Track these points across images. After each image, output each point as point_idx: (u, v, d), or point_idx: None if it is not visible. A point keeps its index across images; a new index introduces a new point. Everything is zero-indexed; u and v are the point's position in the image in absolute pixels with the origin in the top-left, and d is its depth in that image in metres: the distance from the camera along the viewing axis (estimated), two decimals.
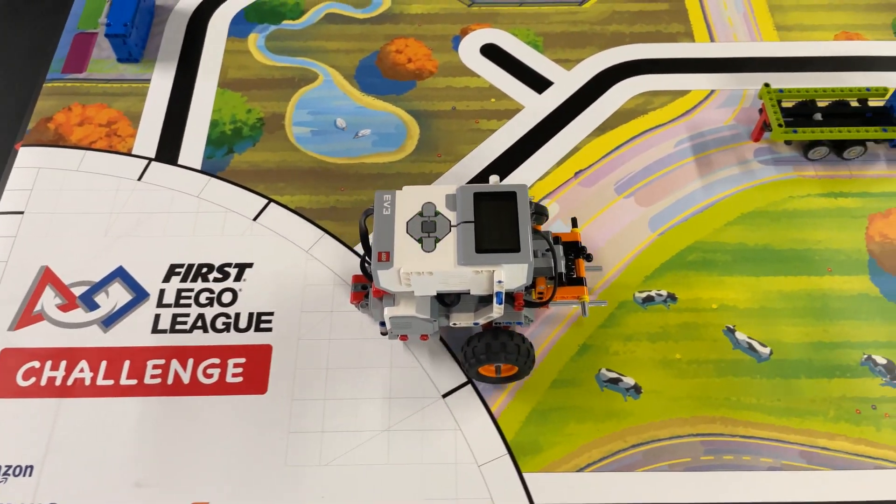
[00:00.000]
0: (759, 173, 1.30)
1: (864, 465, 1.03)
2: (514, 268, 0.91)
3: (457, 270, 0.91)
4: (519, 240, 0.91)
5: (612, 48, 1.46)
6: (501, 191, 0.96)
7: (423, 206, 0.95)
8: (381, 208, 0.95)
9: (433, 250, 0.92)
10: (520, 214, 0.93)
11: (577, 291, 1.06)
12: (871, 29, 1.48)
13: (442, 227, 0.94)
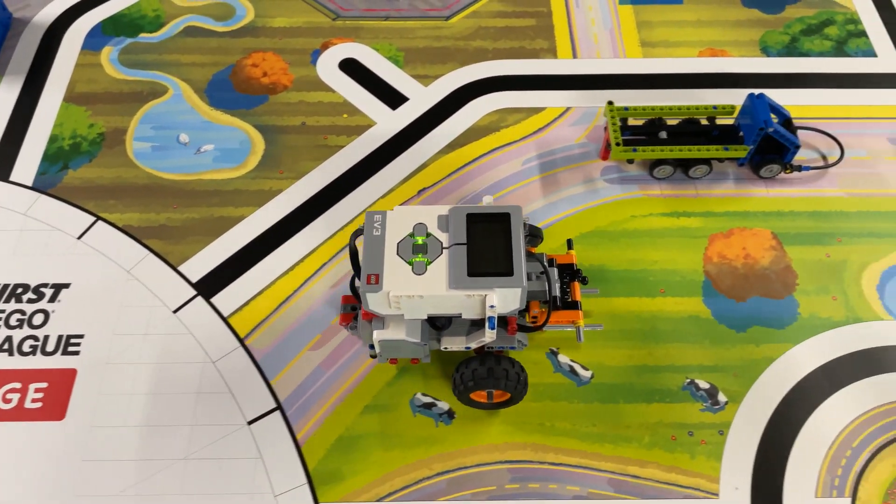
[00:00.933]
0: (604, 192, 1.28)
1: (673, 495, 1.00)
2: (507, 292, 0.89)
3: (448, 294, 0.88)
4: (512, 263, 0.89)
5: (473, 64, 1.45)
6: (495, 212, 0.93)
7: (414, 226, 0.93)
8: (371, 228, 0.92)
9: (424, 273, 0.89)
10: (513, 237, 0.91)
11: (572, 315, 1.03)
12: (738, 45, 1.47)
13: (433, 248, 0.91)
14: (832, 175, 1.30)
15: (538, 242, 1.07)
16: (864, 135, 1.34)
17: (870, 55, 1.46)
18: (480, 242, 0.90)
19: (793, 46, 1.47)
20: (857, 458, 1.03)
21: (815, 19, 1.52)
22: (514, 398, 1.02)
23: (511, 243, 0.90)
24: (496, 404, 1.04)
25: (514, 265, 0.89)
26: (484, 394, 1.02)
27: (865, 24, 1.50)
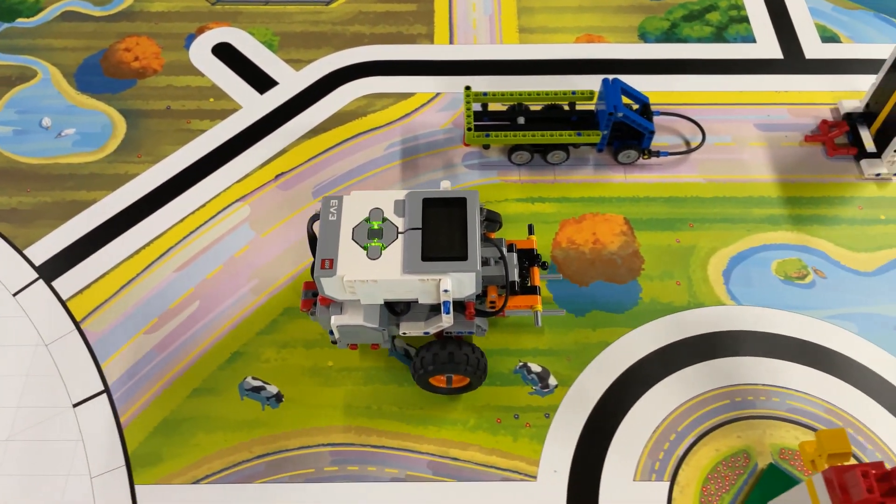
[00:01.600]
0: (463, 178, 1.27)
1: (491, 477, 1.00)
2: (461, 276, 0.88)
3: (402, 279, 0.88)
4: (467, 247, 0.89)
5: (347, 49, 1.44)
6: (451, 197, 0.93)
7: (370, 211, 0.92)
8: (326, 213, 0.91)
9: (378, 258, 0.88)
10: (469, 221, 0.90)
11: (530, 300, 1.03)
12: (617, 31, 1.47)
13: (389, 233, 0.90)
14: (693, 161, 1.29)
15: (496, 228, 1.06)
16: (733, 121, 1.34)
17: (749, 41, 1.45)
18: (435, 227, 0.90)
19: (672, 32, 1.47)
20: (680, 442, 1.03)
21: (699, 5, 1.51)
22: (473, 383, 1.02)
23: (466, 228, 0.90)
24: (455, 389, 1.03)
25: (468, 250, 0.88)
26: (443, 378, 1.02)
27: (748, 10, 1.50)
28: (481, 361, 1.00)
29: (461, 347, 0.99)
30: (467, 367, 0.99)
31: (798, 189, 1.26)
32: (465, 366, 0.98)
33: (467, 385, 1.04)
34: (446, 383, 1.03)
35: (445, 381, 1.03)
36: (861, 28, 1.47)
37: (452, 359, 0.98)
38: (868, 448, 1.02)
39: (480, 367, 1.00)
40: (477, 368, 0.99)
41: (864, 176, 1.26)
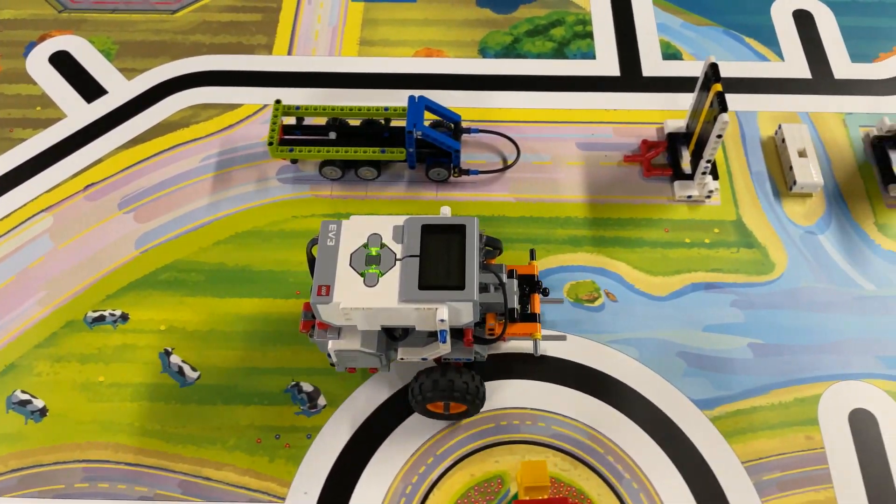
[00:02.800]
0: (274, 191, 1.27)
1: (240, 498, 1.00)
2: (458, 305, 0.88)
3: (398, 307, 0.88)
4: (464, 276, 0.88)
5: (185, 58, 1.44)
6: (450, 223, 0.92)
7: (368, 237, 0.92)
8: (325, 238, 0.91)
9: (375, 285, 0.88)
10: (467, 249, 0.90)
11: (530, 328, 1.01)
12: (457, 46, 1.46)
13: (387, 260, 0.90)
14: (507, 179, 1.28)
15: (497, 254, 1.05)
16: (555, 139, 1.33)
17: (589, 57, 1.44)
18: (434, 254, 0.89)
19: (512, 48, 1.45)
20: (436, 466, 1.02)
21: (546, 20, 1.50)
22: (471, 410, 1.02)
23: (465, 256, 0.89)
24: (453, 416, 1.03)
25: (465, 278, 0.88)
26: (441, 405, 1.01)
27: (595, 26, 1.49)
28: (480, 390, 0.99)
29: (461, 375, 0.97)
30: (466, 396, 0.97)
31: (607, 210, 1.25)
32: (464, 394, 0.97)
33: (465, 412, 1.03)
34: (444, 409, 1.02)
35: (443, 407, 1.02)
36: (707, 44, 1.45)
37: (452, 387, 0.96)
38: (626, 477, 1.01)
39: (479, 396, 0.99)
40: (476, 397, 0.98)
41: (675, 198, 1.25)
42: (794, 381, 1.08)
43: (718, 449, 1.03)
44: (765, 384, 1.08)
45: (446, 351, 0.93)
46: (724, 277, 1.17)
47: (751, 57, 1.43)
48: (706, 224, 1.23)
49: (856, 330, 1.12)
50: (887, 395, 1.07)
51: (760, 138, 1.32)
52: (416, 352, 0.96)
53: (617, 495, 1.00)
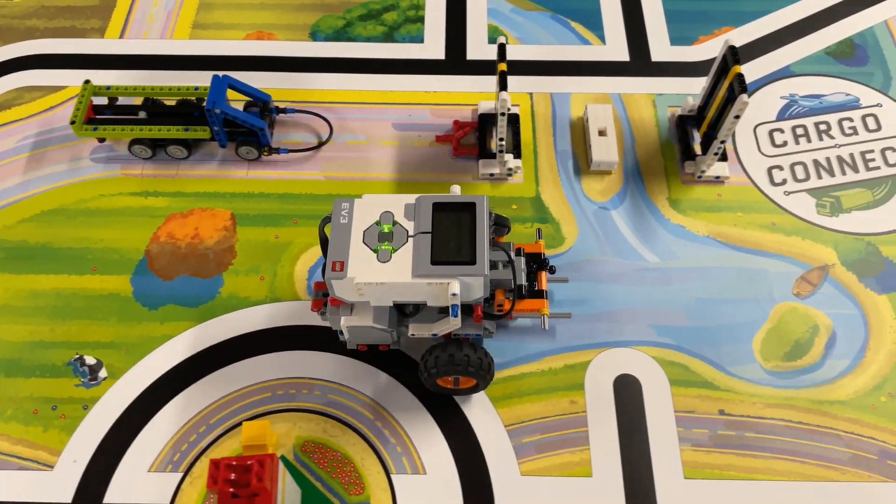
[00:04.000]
0: (86, 171, 1.28)
1: (11, 466, 1.01)
2: (469, 280, 0.90)
3: (411, 282, 0.89)
4: (475, 252, 0.90)
5: (16, 42, 1.45)
6: (461, 201, 0.94)
7: (381, 215, 0.93)
8: (338, 216, 0.92)
9: (388, 261, 0.90)
10: (477, 226, 0.92)
11: (538, 304, 1.04)
12: (289, 29, 1.48)
13: (399, 237, 0.92)
14: (320, 158, 1.30)
15: (505, 232, 1.06)
16: (372, 119, 1.36)
17: (417, 41, 1.47)
18: (445, 231, 0.91)
19: (343, 31, 1.48)
20: (207, 434, 1.04)
21: (380, 4, 1.52)
22: (480, 384, 1.03)
23: (475, 232, 0.91)
24: (464, 390, 1.05)
25: (476, 254, 0.89)
26: (450, 380, 1.02)
27: (427, 10, 1.52)
28: (484, 362, 0.99)
29: (475, 351, 0.99)
30: (480, 371, 0.99)
31: (413, 188, 1.27)
32: (477, 369, 0.98)
33: (475, 385, 1.04)
34: (453, 384, 1.04)
35: (452, 382, 1.03)
36: (533, 29, 1.49)
37: (468, 361, 0.97)
38: (391, 442, 1.04)
39: (484, 368, 0.99)
40: (480, 369, 0.99)
41: (479, 176, 1.29)
42: (566, 348, 1.12)
43: (485, 414, 1.06)
44: (539, 351, 1.11)
45: (457, 326, 0.95)
46: None
47: (574, 41, 1.47)
48: (506, 200, 1.26)
49: (633, 300, 1.16)
50: (654, 360, 1.10)
51: (570, 119, 1.36)
52: (426, 327, 0.99)
53: (380, 458, 1.03)
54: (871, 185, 1.27)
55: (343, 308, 0.96)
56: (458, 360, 0.97)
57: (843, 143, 1.33)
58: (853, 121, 1.35)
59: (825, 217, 1.24)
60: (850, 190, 1.27)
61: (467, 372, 0.98)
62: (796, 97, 1.38)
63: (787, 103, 1.38)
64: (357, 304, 0.95)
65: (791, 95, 1.39)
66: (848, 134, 1.34)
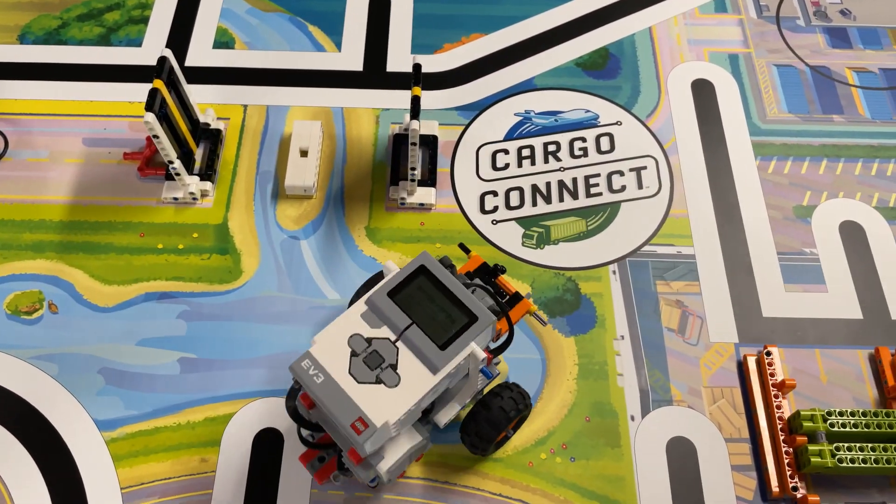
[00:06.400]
0: None
1: None
2: (482, 335, 0.81)
3: (437, 380, 0.79)
4: (468, 307, 0.81)
5: None
6: (409, 273, 0.83)
7: (349, 343, 0.80)
8: (310, 380, 0.78)
9: (399, 381, 0.78)
10: (445, 282, 0.82)
11: (523, 308, 0.98)
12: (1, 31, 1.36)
13: (386, 351, 0.80)
14: None
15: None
16: (62, 134, 1.23)
17: (135, 45, 1.35)
18: (424, 311, 0.82)
19: (56, 33, 1.35)
20: None
21: (104, 2, 1.39)
22: (525, 413, 0.97)
23: (450, 291, 0.82)
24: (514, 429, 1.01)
25: (471, 308, 0.81)
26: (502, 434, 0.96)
27: (155, 10, 1.39)
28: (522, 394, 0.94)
29: (490, 406, 0.91)
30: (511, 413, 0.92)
31: (88, 212, 1.16)
32: (507, 415, 0.92)
33: None
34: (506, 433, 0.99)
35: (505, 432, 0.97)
36: (265, 33, 1.36)
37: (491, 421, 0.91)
38: None
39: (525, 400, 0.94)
40: (518, 407, 0.93)
41: (162, 200, 1.18)
42: (211, 398, 1.02)
43: (103, 474, 0.97)
44: (179, 403, 1.02)
45: (485, 383, 0.90)
46: (183, 286, 1.10)
47: (308, 47, 1.35)
48: (187, 228, 1.15)
49: (298, 342, 1.06)
50: None
51: (282, 136, 1.25)
52: (452, 407, 0.89)
53: None
54: (588, 213, 1.18)
55: (372, 458, 0.83)
56: (497, 418, 0.91)
57: (569, 165, 1.23)
58: (586, 141, 1.25)
59: (529, 249, 1.15)
60: (564, 219, 1.18)
61: (515, 415, 0.92)
62: (531, 114, 1.29)
63: (520, 121, 1.28)
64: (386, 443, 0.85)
65: (526, 112, 1.29)
66: (577, 156, 1.24)
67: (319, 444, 0.89)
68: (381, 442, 0.80)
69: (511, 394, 0.93)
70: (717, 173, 1.22)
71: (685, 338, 1.08)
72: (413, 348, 0.81)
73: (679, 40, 1.37)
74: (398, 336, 0.81)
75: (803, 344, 1.07)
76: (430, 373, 0.80)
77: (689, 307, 1.10)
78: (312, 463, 0.90)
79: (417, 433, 0.85)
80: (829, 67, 1.35)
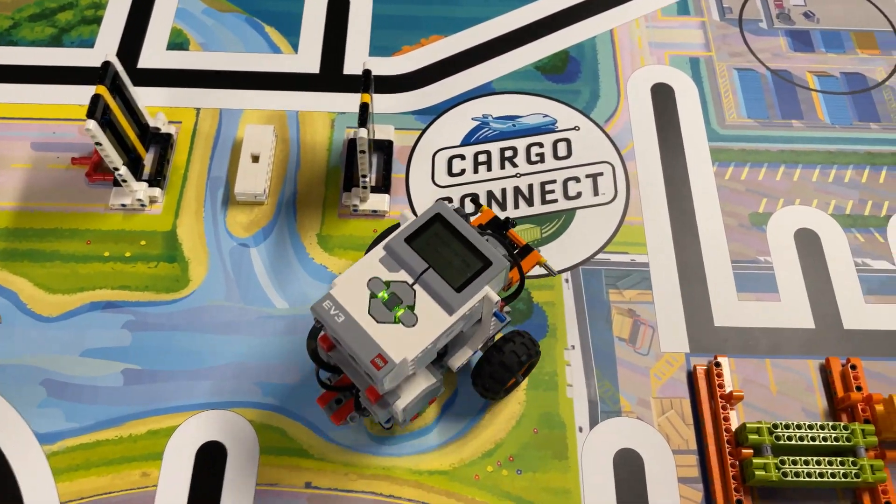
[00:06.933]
0: None
1: None
2: (496, 280, 0.83)
3: (453, 321, 0.80)
4: (482, 253, 0.82)
5: None
6: (426, 220, 0.85)
7: (368, 285, 0.81)
8: (331, 319, 0.79)
9: (416, 321, 0.80)
10: (460, 228, 0.83)
11: (533, 259, 0.99)
12: None
13: (404, 292, 0.81)
14: None
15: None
16: (9, 138, 1.20)
17: (87, 46, 1.32)
18: (440, 256, 0.83)
19: (7, 34, 1.32)
20: None
21: (56, 2, 1.37)
22: (535, 360, 1.00)
23: (465, 237, 0.83)
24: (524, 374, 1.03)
25: (485, 253, 0.82)
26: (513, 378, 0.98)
27: (109, 9, 1.36)
28: (532, 340, 0.97)
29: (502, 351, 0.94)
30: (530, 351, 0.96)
31: (34, 219, 1.13)
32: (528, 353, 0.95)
33: None
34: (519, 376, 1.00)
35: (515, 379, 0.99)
36: (221, 34, 1.34)
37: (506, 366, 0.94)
38: None
39: (535, 345, 0.97)
40: (529, 352, 0.95)
41: (110, 206, 1.16)
42: (155, 411, 1.00)
43: (43, 488, 0.95)
44: (122, 415, 1.00)
45: (499, 327, 0.93)
46: (130, 296, 1.08)
47: (264, 48, 1.33)
48: (135, 235, 1.13)
49: (246, 353, 1.04)
50: (250, 424, 1.01)
51: (236, 140, 1.23)
52: (465, 353, 0.91)
53: None
54: (542, 220, 1.17)
55: (389, 396, 0.86)
56: (510, 362, 0.94)
57: (525, 171, 1.22)
58: (543, 146, 1.24)
59: None
60: (519, 226, 1.17)
61: (526, 360, 0.95)
62: (489, 118, 1.27)
63: (477, 125, 1.27)
64: (402, 382, 0.87)
65: (484, 116, 1.27)
66: (534, 162, 1.23)
67: (337, 386, 0.92)
68: (399, 379, 0.84)
69: (523, 339, 0.97)
70: (674, 180, 1.21)
71: (636, 347, 1.07)
72: (430, 291, 0.83)
73: (640, 43, 1.36)
74: (416, 279, 0.83)
75: (755, 354, 1.07)
76: (447, 314, 0.82)
77: (641, 316, 1.09)
78: (330, 405, 0.94)
79: (432, 375, 0.89)
80: (791, 71, 1.34)
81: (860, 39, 1.39)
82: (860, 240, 1.17)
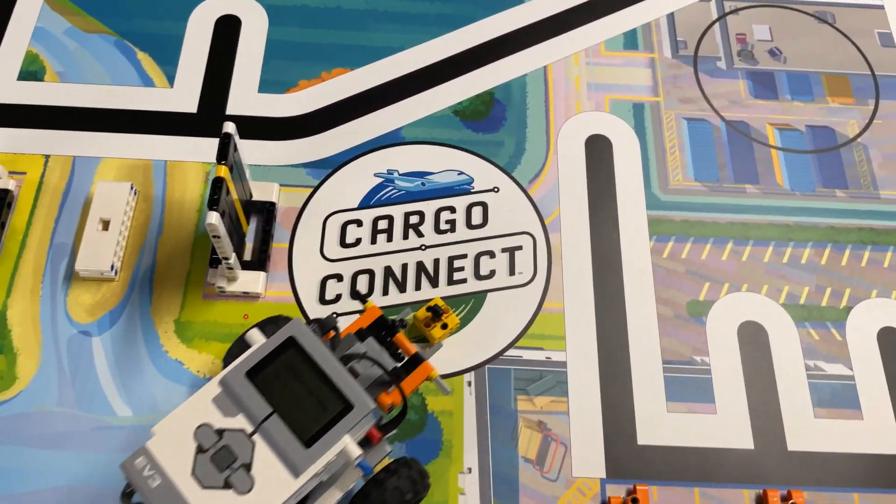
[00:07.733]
0: None
1: None
2: (359, 426, 0.69)
3: (300, 483, 0.66)
4: (342, 391, 0.68)
5: None
6: (275, 346, 0.68)
7: (195, 435, 0.65)
8: (143, 481, 0.63)
9: (253, 485, 0.64)
10: (318, 359, 0.67)
11: (423, 372, 0.82)
12: None
13: (240, 446, 0.65)
14: None
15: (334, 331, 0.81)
16: None
17: None
18: (289, 394, 0.67)
19: None
20: None
21: None
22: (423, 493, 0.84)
23: (322, 368, 0.67)
24: None
25: (346, 393, 0.68)
26: None
27: None
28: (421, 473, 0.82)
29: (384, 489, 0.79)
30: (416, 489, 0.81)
31: None
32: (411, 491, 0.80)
33: None
34: None
35: None
36: (84, 61, 1.13)
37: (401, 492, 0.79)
38: None
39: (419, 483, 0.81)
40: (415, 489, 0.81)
41: None
42: None
43: None
44: None
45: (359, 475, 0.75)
46: None
47: (134, 80, 1.13)
48: None
49: (83, 471, 0.86)
50: None
51: (88, 196, 1.04)
52: (332, 494, 0.74)
53: None
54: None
55: None
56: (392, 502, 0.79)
57: (432, 243, 1.04)
58: (455, 212, 1.06)
59: None
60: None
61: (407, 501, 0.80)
62: (394, 175, 1.09)
63: (380, 182, 1.08)
64: None
65: (389, 172, 1.09)
66: (443, 231, 1.05)
67: None
68: None
69: (409, 472, 0.81)
70: (604, 257, 1.04)
71: (543, 471, 0.91)
72: (272, 444, 0.67)
73: (577, 84, 1.17)
74: (255, 428, 0.67)
75: (682, 481, 0.91)
76: (291, 476, 0.66)
77: (553, 431, 0.93)
78: None
79: None
80: (749, 123, 1.16)
81: (832, 84, 1.21)
82: (814, 337, 1.01)
